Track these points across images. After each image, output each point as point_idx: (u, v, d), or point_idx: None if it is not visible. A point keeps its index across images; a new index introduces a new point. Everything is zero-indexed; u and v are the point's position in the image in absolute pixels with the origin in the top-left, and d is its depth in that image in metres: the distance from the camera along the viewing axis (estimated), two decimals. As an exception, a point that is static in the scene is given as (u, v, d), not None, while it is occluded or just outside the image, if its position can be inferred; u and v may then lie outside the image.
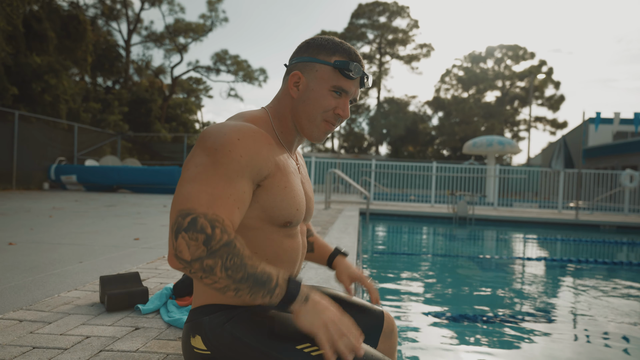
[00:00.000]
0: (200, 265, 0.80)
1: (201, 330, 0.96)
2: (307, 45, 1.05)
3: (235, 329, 0.94)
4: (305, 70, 1.02)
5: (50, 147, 13.31)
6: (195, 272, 0.81)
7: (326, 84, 1.00)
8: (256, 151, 0.91)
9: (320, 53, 1.02)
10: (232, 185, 0.86)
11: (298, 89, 1.03)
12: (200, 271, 0.80)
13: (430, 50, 41.71)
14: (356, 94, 1.05)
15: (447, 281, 4.30)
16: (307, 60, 1.02)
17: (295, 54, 1.07)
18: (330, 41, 1.03)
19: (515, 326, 2.85)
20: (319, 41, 1.04)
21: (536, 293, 3.90)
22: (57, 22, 16.00)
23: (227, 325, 0.94)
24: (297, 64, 1.04)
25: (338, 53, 1.02)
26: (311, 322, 0.85)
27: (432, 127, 41.73)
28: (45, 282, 2.30)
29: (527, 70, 38.64)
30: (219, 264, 0.80)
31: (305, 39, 1.08)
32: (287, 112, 1.05)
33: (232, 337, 0.93)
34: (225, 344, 0.93)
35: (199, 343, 0.96)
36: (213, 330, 0.95)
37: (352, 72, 1.00)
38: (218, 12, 31.20)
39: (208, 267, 0.80)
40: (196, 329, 0.97)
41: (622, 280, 4.55)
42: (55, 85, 14.58)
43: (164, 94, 29.13)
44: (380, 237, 7.18)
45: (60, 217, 5.46)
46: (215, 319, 0.96)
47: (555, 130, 39.70)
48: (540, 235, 8.03)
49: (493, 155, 15.35)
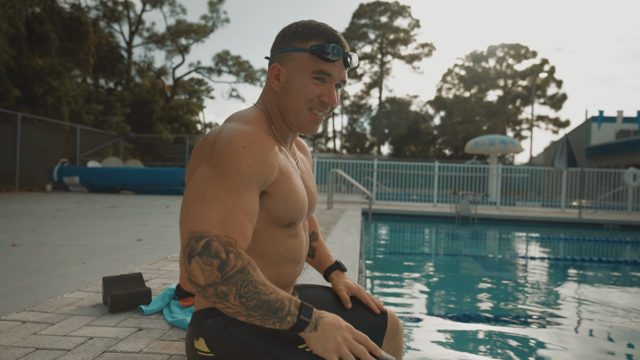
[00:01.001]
0: (214, 291, 0.79)
1: (205, 333, 0.95)
2: (283, 35, 1.00)
3: (239, 330, 0.93)
4: (284, 61, 0.97)
5: (53, 149, 13.35)
6: (208, 297, 0.80)
7: (306, 71, 0.95)
8: (262, 159, 0.87)
9: (296, 40, 0.97)
10: (242, 198, 0.84)
11: (280, 82, 0.99)
12: (214, 296, 0.79)
13: (432, 50, 41.68)
14: (342, 76, 0.99)
15: (450, 281, 4.29)
16: (284, 51, 0.98)
17: (273, 45, 1.02)
18: (306, 26, 0.98)
19: (519, 326, 2.84)
20: (294, 28, 0.99)
21: (540, 292, 3.89)
22: (59, 24, 16.04)
23: (230, 327, 0.94)
24: (275, 55, 0.99)
25: (314, 37, 0.96)
26: (323, 347, 0.85)
27: (434, 127, 41.68)
28: (48, 284, 2.30)
29: (529, 69, 38.56)
30: (233, 291, 0.79)
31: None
32: (275, 107, 1.02)
33: (235, 339, 0.92)
34: (228, 346, 0.93)
35: (202, 345, 0.95)
36: (216, 333, 0.94)
37: (331, 54, 0.94)
38: (219, 13, 31.29)
39: (222, 294, 0.79)
40: (200, 331, 0.96)
41: (627, 279, 4.53)
42: (57, 87, 14.62)
43: (165, 95, 29.20)
44: (382, 237, 7.17)
45: (63, 218, 5.47)
46: (218, 321, 0.95)
47: (558, 129, 39.62)
48: (543, 234, 8.00)
49: (495, 154, 15.31)
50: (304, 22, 1.00)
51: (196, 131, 31.15)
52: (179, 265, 0.83)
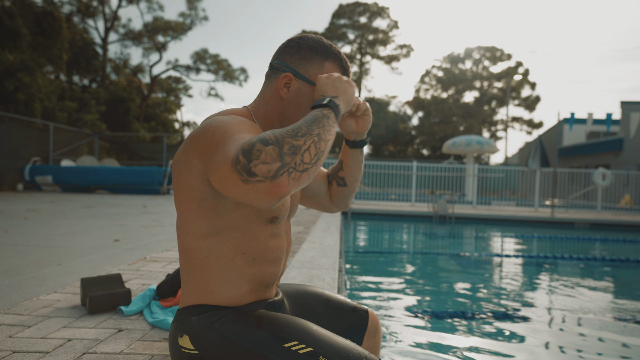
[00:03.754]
0: (290, 157, 0.76)
1: (189, 330, 0.96)
2: (298, 47, 1.05)
3: (224, 328, 0.94)
4: (298, 73, 1.03)
5: (25, 147, 12.93)
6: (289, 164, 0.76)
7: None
8: (252, 128, 0.93)
9: (313, 58, 1.03)
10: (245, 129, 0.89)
11: (288, 90, 1.03)
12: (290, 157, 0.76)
13: (410, 51, 42.11)
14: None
15: (428, 278, 4.37)
16: (299, 63, 1.03)
17: (284, 53, 1.06)
18: (321, 44, 1.05)
19: (494, 321, 2.92)
20: (310, 43, 1.05)
21: (514, 289, 4.00)
22: (30, 19, 15.56)
23: (216, 324, 0.95)
24: (288, 66, 1.04)
25: (330, 58, 1.05)
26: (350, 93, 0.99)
27: (412, 127, 42.16)
28: (23, 285, 2.25)
29: (504, 71, 39.42)
30: (291, 143, 0.77)
31: (288, 37, 1.07)
32: (274, 113, 1.05)
33: (220, 336, 0.94)
34: (213, 343, 0.94)
35: (186, 343, 0.96)
36: (201, 330, 0.95)
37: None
38: (198, 11, 30.84)
39: (292, 149, 0.77)
40: (184, 328, 0.97)
41: (596, 275, 4.70)
42: (29, 83, 14.18)
43: (142, 93, 28.64)
44: (362, 236, 7.23)
45: (36, 218, 5.32)
46: (203, 319, 0.96)
47: (532, 130, 40.61)
48: (518, 232, 8.21)
49: (472, 154, 15.62)
50: (316, 39, 1.06)
51: (174, 130, 30.69)
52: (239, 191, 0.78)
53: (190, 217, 0.97)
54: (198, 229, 0.97)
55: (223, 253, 0.98)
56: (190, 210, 0.97)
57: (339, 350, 0.93)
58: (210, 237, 0.98)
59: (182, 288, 1.04)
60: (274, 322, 0.96)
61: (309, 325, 0.98)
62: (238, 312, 0.98)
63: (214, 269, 0.99)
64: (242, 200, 0.80)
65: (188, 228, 0.99)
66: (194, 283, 1.01)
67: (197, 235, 0.98)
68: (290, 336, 0.93)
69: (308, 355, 0.91)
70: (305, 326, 0.97)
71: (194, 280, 1.01)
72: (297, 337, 0.93)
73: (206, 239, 0.98)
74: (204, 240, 0.98)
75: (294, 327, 0.96)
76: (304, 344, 0.92)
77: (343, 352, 0.93)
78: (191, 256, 1.00)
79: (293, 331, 0.94)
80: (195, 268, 1.00)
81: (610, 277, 4.70)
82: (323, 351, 0.92)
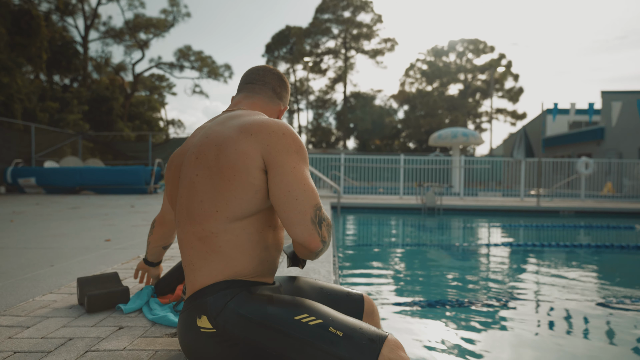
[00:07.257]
0: (329, 242, 1.07)
1: (206, 310, 1.04)
2: (287, 86, 1.41)
3: (238, 306, 1.02)
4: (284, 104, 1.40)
5: (5, 149, 12.66)
6: (323, 249, 1.07)
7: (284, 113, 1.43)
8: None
9: (288, 95, 1.41)
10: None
11: (279, 117, 1.36)
12: (327, 246, 1.08)
13: (394, 45, 42.26)
14: None
15: (418, 269, 4.43)
16: (285, 100, 1.40)
17: (283, 89, 1.39)
18: (289, 87, 1.43)
19: (484, 308, 2.99)
20: (287, 85, 1.41)
21: (502, 277, 4.09)
22: (7, 17, 15.19)
23: (230, 303, 1.03)
24: (284, 102, 1.39)
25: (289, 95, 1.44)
26: None
27: (398, 121, 42.38)
28: (17, 287, 2.24)
29: (488, 64, 39.82)
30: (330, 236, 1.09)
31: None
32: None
33: (235, 314, 1.02)
34: (229, 321, 1.01)
35: (205, 323, 1.03)
36: (217, 309, 1.03)
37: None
38: (180, 7, 30.49)
39: (329, 241, 1.08)
40: (201, 309, 1.04)
41: (581, 261, 4.82)
42: (8, 83, 13.89)
43: (125, 91, 28.24)
44: (352, 230, 7.28)
45: (22, 221, 5.25)
46: (218, 298, 1.04)
47: (516, 121, 41.16)
48: (505, 222, 8.35)
49: (458, 146, 15.78)
50: (287, 84, 1.42)
51: (159, 128, 30.34)
52: (300, 234, 1.03)
53: (238, 202, 1.05)
54: (240, 213, 1.06)
55: (255, 228, 1.09)
56: (241, 195, 1.05)
57: (346, 322, 1.01)
58: (248, 217, 1.07)
59: (193, 275, 1.10)
60: (282, 299, 1.05)
61: (314, 302, 1.07)
62: (249, 292, 1.07)
63: (243, 245, 1.07)
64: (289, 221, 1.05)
65: (226, 212, 1.05)
66: (214, 265, 1.07)
67: (234, 218, 1.06)
68: (300, 310, 1.01)
69: (318, 327, 0.98)
70: (312, 303, 1.06)
71: (214, 262, 1.07)
72: (306, 311, 1.01)
73: (243, 220, 1.07)
74: (241, 221, 1.06)
75: (302, 303, 1.04)
76: (314, 317, 1.00)
77: (350, 324, 1.01)
78: (216, 239, 1.06)
79: (302, 306, 1.03)
80: (218, 250, 1.06)
81: (595, 262, 4.83)
82: (332, 323, 0.99)
